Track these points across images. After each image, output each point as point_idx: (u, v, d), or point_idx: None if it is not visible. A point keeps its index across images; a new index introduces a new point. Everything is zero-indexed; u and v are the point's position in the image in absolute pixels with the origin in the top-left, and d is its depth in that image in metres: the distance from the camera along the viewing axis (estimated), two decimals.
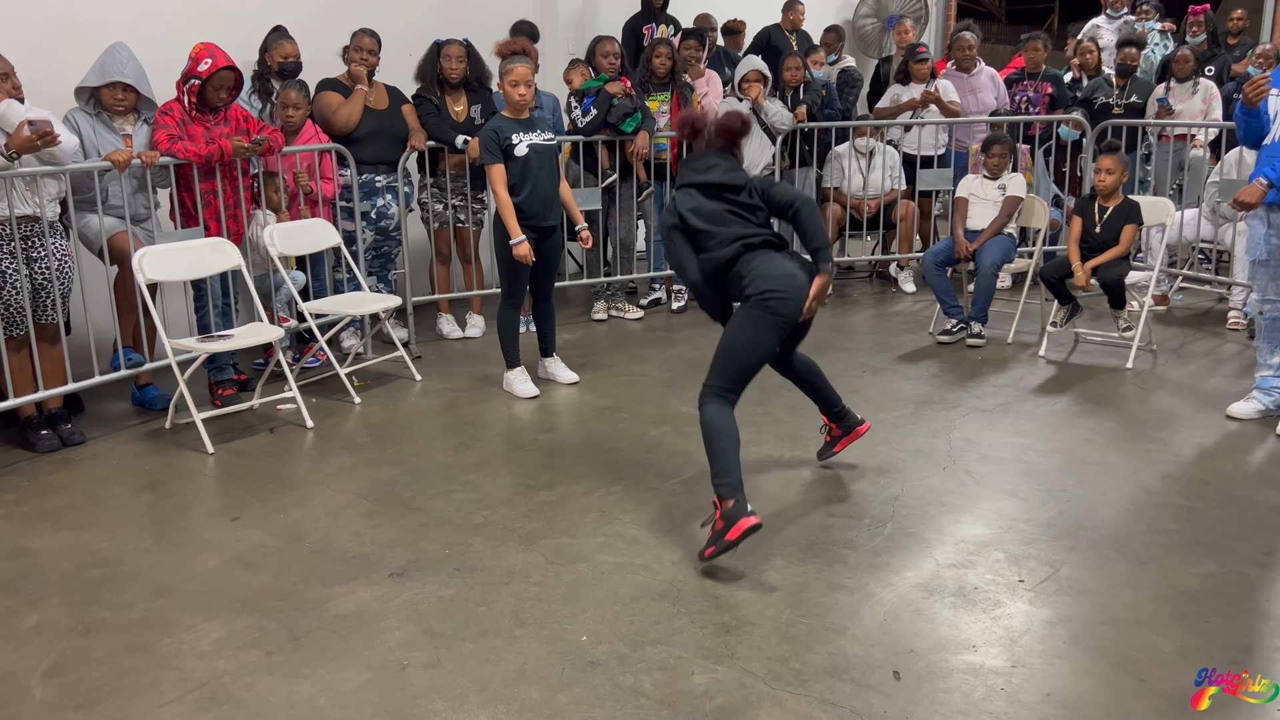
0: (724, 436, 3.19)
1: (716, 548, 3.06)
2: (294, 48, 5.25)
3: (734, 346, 3.30)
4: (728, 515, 3.06)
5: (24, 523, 3.55)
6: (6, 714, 2.48)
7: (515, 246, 4.55)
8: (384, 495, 3.73)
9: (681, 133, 3.56)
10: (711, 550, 3.08)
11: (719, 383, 3.29)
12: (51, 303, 4.17)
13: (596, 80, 5.95)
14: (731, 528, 3.03)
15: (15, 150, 3.84)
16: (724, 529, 3.05)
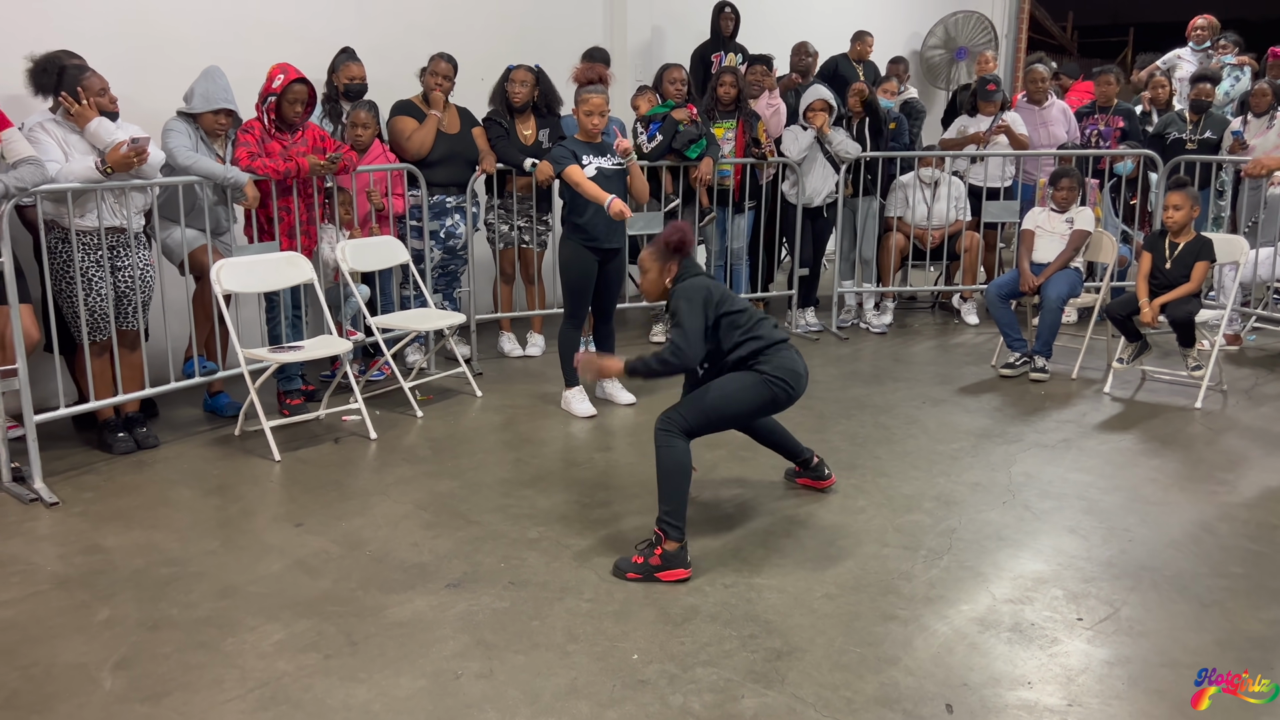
0: (685, 476, 3.26)
1: (644, 578, 3.18)
2: (360, 69, 5.40)
3: (726, 405, 3.35)
4: (670, 557, 3.19)
5: (99, 521, 3.68)
6: (77, 703, 2.58)
7: (610, 205, 4.48)
8: (442, 507, 3.80)
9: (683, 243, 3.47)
10: (637, 576, 3.19)
11: (692, 424, 3.31)
12: (133, 310, 4.33)
13: (663, 106, 6.03)
14: (668, 570, 3.18)
15: (111, 166, 4.01)
16: (661, 567, 3.19)
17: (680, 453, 3.25)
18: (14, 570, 3.29)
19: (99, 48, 4.48)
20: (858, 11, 9.20)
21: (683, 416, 3.30)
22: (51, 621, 2.97)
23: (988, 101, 6.82)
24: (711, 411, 3.33)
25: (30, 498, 3.83)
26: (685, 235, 3.43)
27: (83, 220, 4.10)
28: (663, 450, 3.26)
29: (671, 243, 3.41)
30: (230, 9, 5.36)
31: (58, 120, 4.10)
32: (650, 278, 3.47)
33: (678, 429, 3.28)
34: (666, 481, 3.24)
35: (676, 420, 3.30)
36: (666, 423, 3.30)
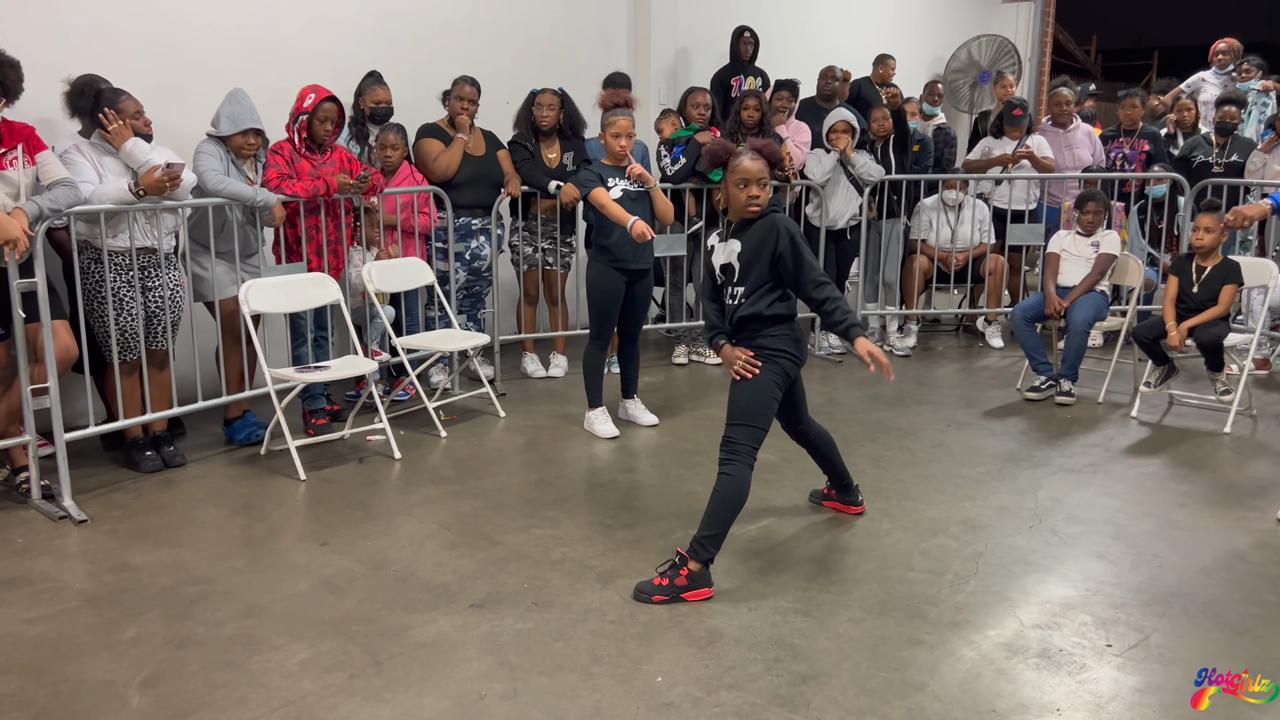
0: (739, 507, 3.23)
1: (670, 599, 3.15)
2: (386, 93, 5.46)
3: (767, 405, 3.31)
4: (695, 577, 3.17)
5: (127, 539, 3.71)
6: None
7: (633, 226, 4.50)
8: (466, 527, 3.81)
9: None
10: (664, 598, 3.16)
11: (754, 442, 3.27)
12: (162, 330, 4.38)
13: (687, 129, 6.06)
14: (694, 590, 3.17)
15: (144, 189, 4.08)
16: (687, 587, 3.16)
17: (743, 485, 3.21)
18: (43, 588, 3.32)
19: (131, 73, 4.56)
20: (880, 35, 9.25)
21: (743, 443, 3.24)
22: (80, 639, 2.99)
23: (1013, 125, 6.81)
24: (761, 421, 3.29)
25: (59, 515, 3.87)
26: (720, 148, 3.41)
27: (115, 241, 4.16)
28: (727, 478, 3.21)
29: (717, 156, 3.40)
30: (259, 34, 5.45)
31: (93, 143, 4.17)
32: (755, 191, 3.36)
33: (744, 457, 3.23)
34: (720, 509, 3.20)
35: (742, 447, 3.24)
36: (733, 450, 3.24)
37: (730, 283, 3.40)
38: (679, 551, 3.22)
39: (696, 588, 3.17)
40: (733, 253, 3.37)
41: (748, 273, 3.34)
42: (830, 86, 7.17)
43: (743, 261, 3.35)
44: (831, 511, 3.98)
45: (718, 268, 3.44)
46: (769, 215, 3.33)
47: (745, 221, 3.37)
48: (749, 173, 3.29)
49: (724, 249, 3.42)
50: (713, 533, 3.20)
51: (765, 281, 3.32)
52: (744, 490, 3.23)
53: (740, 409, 3.30)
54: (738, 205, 3.34)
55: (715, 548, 3.20)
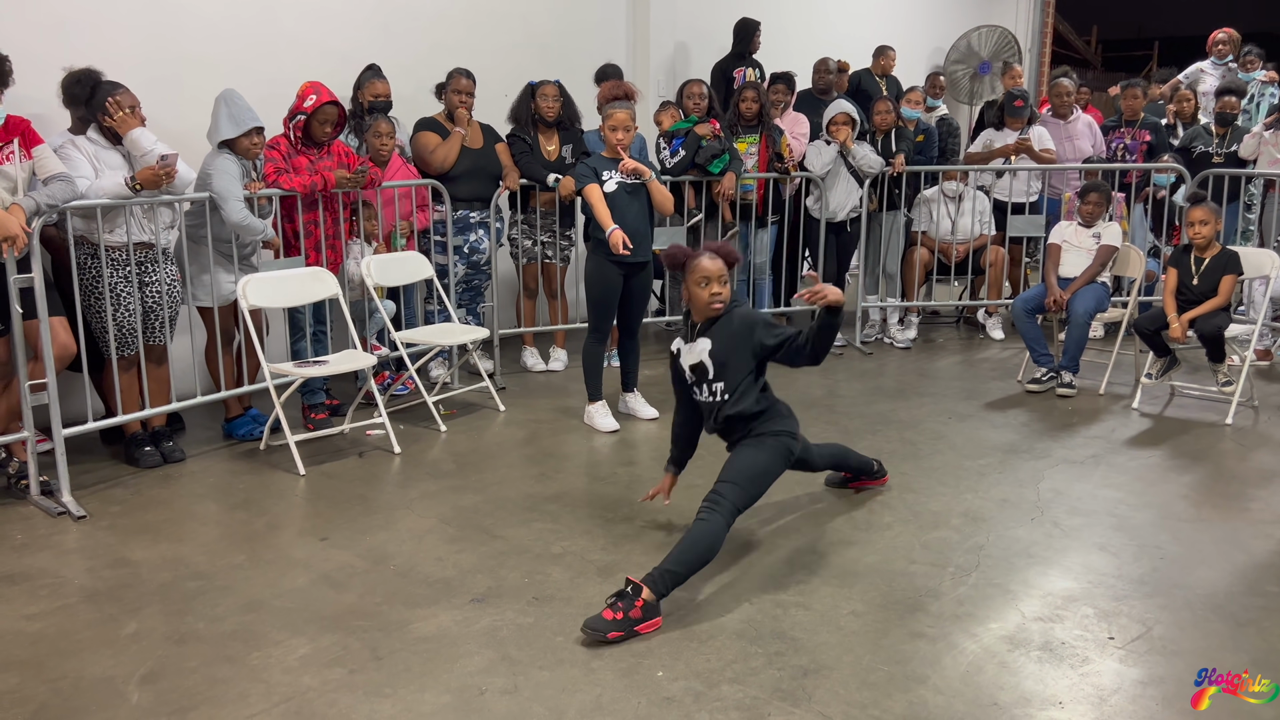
0: (708, 558, 3.13)
1: (625, 634, 2.94)
2: (385, 87, 5.44)
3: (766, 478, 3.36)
4: (650, 608, 2.99)
5: (126, 534, 3.70)
6: (104, 717, 2.58)
7: (610, 234, 4.51)
8: (466, 522, 3.80)
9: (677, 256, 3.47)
10: (619, 634, 2.93)
11: (741, 505, 3.24)
12: (160, 325, 4.37)
13: (686, 122, 6.04)
14: (648, 622, 2.98)
15: (140, 184, 4.06)
16: (641, 619, 2.96)
17: (718, 536, 3.13)
18: (43, 583, 3.31)
19: (126, 67, 4.53)
20: (880, 26, 9.21)
21: (729, 500, 3.18)
22: (79, 635, 2.98)
23: (1015, 116, 6.79)
24: (754, 489, 3.29)
25: (59, 511, 3.86)
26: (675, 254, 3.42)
27: (112, 236, 4.14)
28: (704, 524, 3.12)
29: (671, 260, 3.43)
30: (256, 27, 5.42)
31: (90, 137, 4.15)
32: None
33: (726, 514, 3.16)
34: (690, 551, 3.09)
35: (725, 503, 3.17)
36: (716, 502, 3.17)
37: (704, 380, 3.41)
38: (630, 580, 3.03)
39: (650, 618, 3.00)
40: (702, 351, 3.38)
41: (724, 369, 3.37)
42: (825, 80, 7.15)
43: (717, 360, 3.36)
44: (831, 502, 3.97)
45: (687, 369, 3.44)
46: (734, 310, 3.38)
47: (710, 320, 3.39)
48: (709, 271, 3.32)
49: (691, 350, 3.42)
50: (677, 571, 3.06)
51: (749, 372, 3.38)
52: (717, 542, 3.13)
53: (737, 470, 3.29)
54: (700, 304, 3.37)
55: (673, 586, 3.06)
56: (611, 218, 4.61)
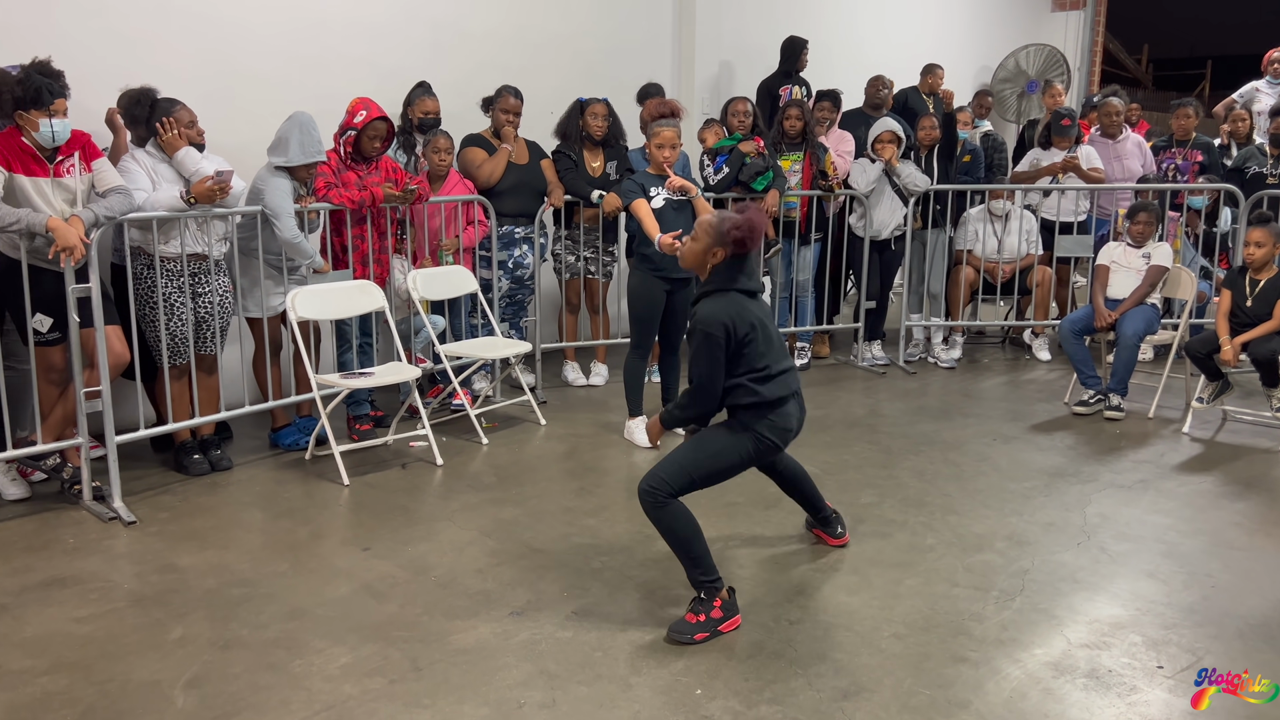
0: (697, 532, 3.10)
1: (710, 635, 3.03)
2: (435, 104, 5.51)
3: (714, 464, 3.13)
4: (727, 607, 3.08)
5: (174, 540, 3.77)
6: None
7: (660, 240, 4.49)
8: (506, 535, 3.82)
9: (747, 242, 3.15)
10: (705, 635, 3.02)
11: (679, 487, 3.08)
12: (211, 335, 4.45)
13: (730, 139, 6.05)
14: (729, 620, 3.07)
15: (194, 198, 4.16)
16: (722, 619, 3.06)
17: (677, 514, 3.08)
18: (93, 587, 3.38)
19: (182, 82, 4.64)
20: (928, 44, 9.17)
21: (666, 481, 3.07)
22: (127, 638, 3.04)
23: (1061, 136, 6.72)
24: (697, 471, 3.10)
25: (110, 516, 3.94)
26: (754, 232, 3.12)
27: (166, 247, 4.23)
28: (660, 520, 3.07)
29: (736, 236, 3.10)
30: (309, 44, 5.53)
31: (148, 151, 4.26)
32: (697, 249, 3.17)
33: (664, 494, 3.06)
34: (680, 546, 3.08)
35: (661, 485, 3.06)
36: (651, 489, 3.07)
37: None
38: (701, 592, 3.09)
39: (730, 616, 3.08)
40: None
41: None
42: (880, 95, 7.10)
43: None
44: (874, 524, 3.93)
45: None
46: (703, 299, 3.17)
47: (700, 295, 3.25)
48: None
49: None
50: (697, 569, 3.08)
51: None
52: (681, 516, 3.08)
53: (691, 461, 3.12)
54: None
55: (712, 573, 3.08)
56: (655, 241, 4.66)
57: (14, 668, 2.86)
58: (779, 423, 3.16)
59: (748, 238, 3.11)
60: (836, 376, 6.36)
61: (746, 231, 3.11)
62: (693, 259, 3.21)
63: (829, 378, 6.33)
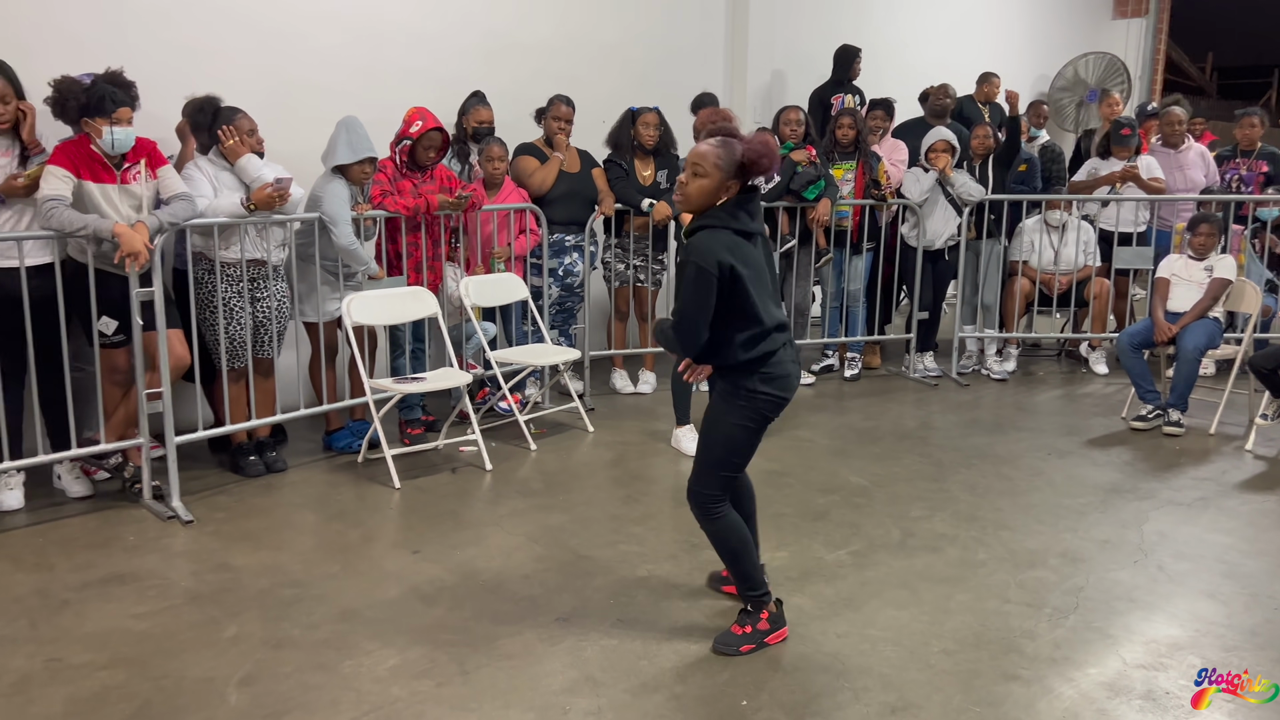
0: (747, 545, 3.05)
1: (757, 647, 3.02)
2: (489, 113, 5.58)
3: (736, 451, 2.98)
4: (775, 619, 3.06)
5: (229, 540, 3.85)
6: (204, 716, 2.68)
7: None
8: (553, 541, 3.84)
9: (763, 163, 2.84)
10: (751, 647, 3.01)
11: (721, 488, 2.99)
12: (269, 339, 4.54)
13: (782, 148, 6.04)
14: (776, 632, 3.05)
15: (254, 205, 4.25)
16: (769, 630, 3.04)
17: (729, 526, 3.02)
18: (151, 584, 3.46)
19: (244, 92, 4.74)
20: (983, 52, 9.07)
21: (704, 492, 2.98)
22: (183, 635, 3.10)
23: (1121, 145, 6.59)
24: (722, 466, 2.99)
25: (168, 515, 4.03)
26: (770, 152, 2.83)
27: (227, 253, 4.33)
28: (711, 532, 3.02)
29: (749, 160, 2.81)
30: (365, 55, 5.63)
31: (210, 159, 4.36)
32: (708, 186, 2.83)
33: (712, 504, 2.99)
34: (729, 557, 3.04)
35: (704, 498, 2.99)
36: (700, 504, 3.00)
37: None
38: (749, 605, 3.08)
39: (777, 629, 3.07)
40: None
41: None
42: (942, 103, 7.02)
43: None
44: (924, 538, 3.88)
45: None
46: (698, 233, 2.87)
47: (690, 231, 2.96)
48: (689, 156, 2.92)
49: None
50: (745, 583, 3.05)
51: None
52: (732, 524, 3.02)
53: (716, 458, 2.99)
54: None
55: (761, 585, 3.06)
56: None
57: (75, 661, 2.94)
58: (775, 372, 2.91)
59: (763, 158, 2.81)
60: (887, 388, 6.30)
61: (761, 152, 2.81)
62: (701, 199, 2.85)
63: (880, 389, 6.27)
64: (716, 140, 2.84)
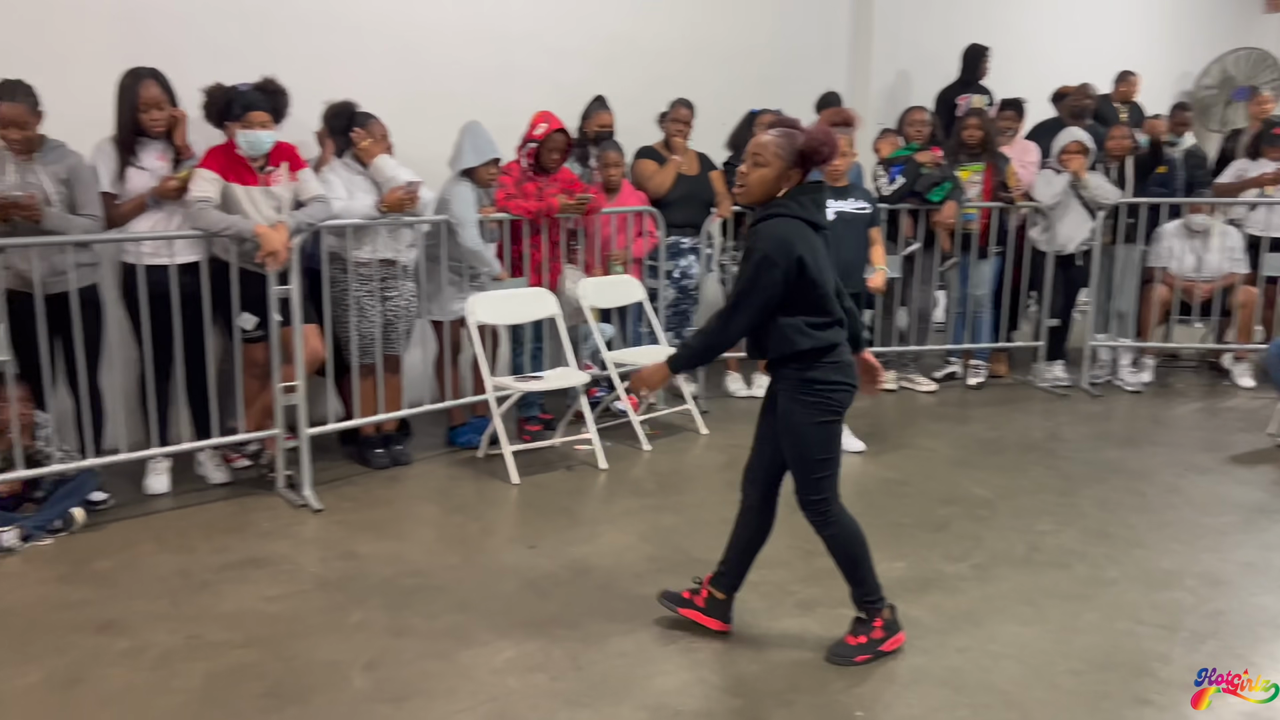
0: (864, 551, 2.99)
1: (873, 657, 2.95)
2: (610, 118, 5.64)
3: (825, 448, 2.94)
4: (889, 626, 2.99)
5: (355, 530, 3.99)
6: (330, 698, 2.79)
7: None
8: (665, 541, 3.85)
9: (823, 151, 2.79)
10: (867, 657, 2.95)
11: (827, 490, 2.96)
12: (397, 336, 4.70)
13: (906, 149, 5.91)
14: (891, 639, 2.98)
15: (386, 207, 4.41)
16: (884, 638, 2.97)
17: (847, 532, 2.98)
18: (282, 569, 3.62)
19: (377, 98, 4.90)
20: (1119, 50, 8.68)
21: (811, 498, 2.95)
22: (311, 619, 3.24)
23: (1272, 146, 6.22)
24: (818, 469, 2.94)
25: (299, 503, 4.21)
26: (830, 142, 2.77)
27: (360, 253, 4.50)
28: (829, 538, 2.98)
29: (809, 149, 2.77)
30: (491, 61, 5.76)
31: (346, 163, 4.54)
32: (768, 175, 2.79)
33: (824, 509, 2.96)
34: (846, 563, 3.00)
35: (812, 501, 2.96)
36: (807, 506, 2.97)
37: None
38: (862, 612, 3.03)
39: (892, 635, 3.00)
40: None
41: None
42: (1081, 104, 6.74)
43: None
44: (1050, 552, 3.74)
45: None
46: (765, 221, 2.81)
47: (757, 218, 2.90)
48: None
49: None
50: (862, 588, 3.00)
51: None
52: (849, 527, 2.99)
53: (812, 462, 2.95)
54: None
55: (876, 591, 3.01)
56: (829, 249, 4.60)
57: (213, 639, 3.10)
58: (843, 359, 2.89)
59: (823, 145, 2.76)
60: (1014, 397, 6.10)
61: (822, 140, 2.76)
62: (760, 189, 2.82)
63: (1006, 398, 6.07)
64: (777, 131, 2.83)
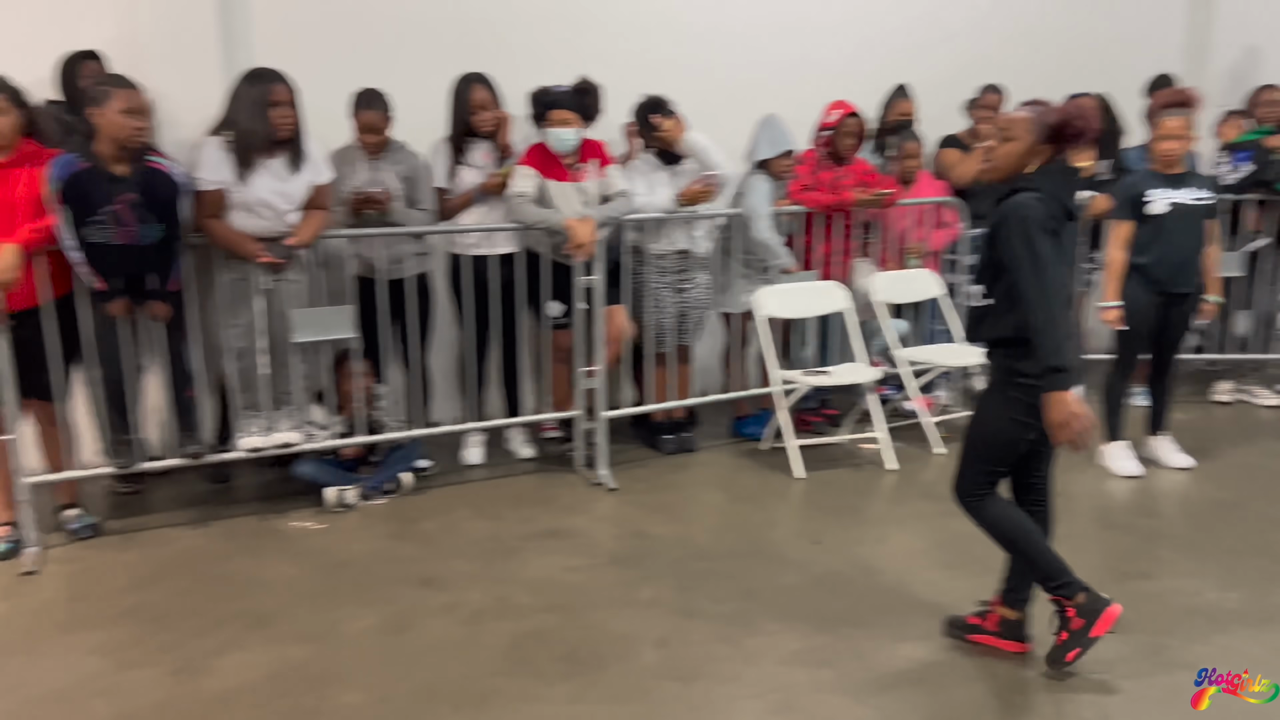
0: (1029, 533, 2.73)
1: (1084, 650, 2.68)
2: (909, 106, 5.45)
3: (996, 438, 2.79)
4: (1087, 611, 2.67)
5: (646, 510, 4.14)
6: (623, 669, 2.92)
7: (1103, 311, 4.31)
8: (961, 550, 3.68)
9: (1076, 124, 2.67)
10: (1078, 651, 2.69)
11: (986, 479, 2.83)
12: (691, 326, 4.82)
13: (1254, 133, 5.27)
14: (1096, 622, 2.66)
15: (685, 200, 4.56)
16: (1085, 626, 2.67)
17: (996, 513, 2.80)
18: (580, 542, 3.82)
19: (682, 94, 5.03)
20: None
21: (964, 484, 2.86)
22: (607, 592, 3.40)
23: None
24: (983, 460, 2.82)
25: (595, 482, 4.43)
26: (1086, 120, 2.66)
27: (657, 245, 4.65)
28: (984, 524, 2.85)
29: (1061, 122, 2.66)
30: (791, 52, 5.74)
31: (647, 158, 4.71)
32: (1011, 149, 2.72)
33: (973, 496, 2.85)
34: (1015, 548, 2.81)
35: (964, 489, 2.87)
36: (959, 494, 2.89)
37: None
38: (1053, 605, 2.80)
39: (1097, 616, 2.70)
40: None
41: (982, 268, 2.81)
42: None
43: (981, 252, 2.82)
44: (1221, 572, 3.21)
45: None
46: (1013, 197, 2.69)
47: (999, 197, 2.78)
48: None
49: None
50: (1042, 573, 2.77)
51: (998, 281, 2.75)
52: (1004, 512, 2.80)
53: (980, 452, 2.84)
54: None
55: (1062, 575, 2.75)
56: (1151, 250, 4.23)
57: (518, 602, 3.33)
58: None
59: (1076, 119, 2.63)
60: None
61: (1075, 114, 2.64)
62: (1008, 163, 2.73)
63: None
64: (1034, 109, 2.72)
